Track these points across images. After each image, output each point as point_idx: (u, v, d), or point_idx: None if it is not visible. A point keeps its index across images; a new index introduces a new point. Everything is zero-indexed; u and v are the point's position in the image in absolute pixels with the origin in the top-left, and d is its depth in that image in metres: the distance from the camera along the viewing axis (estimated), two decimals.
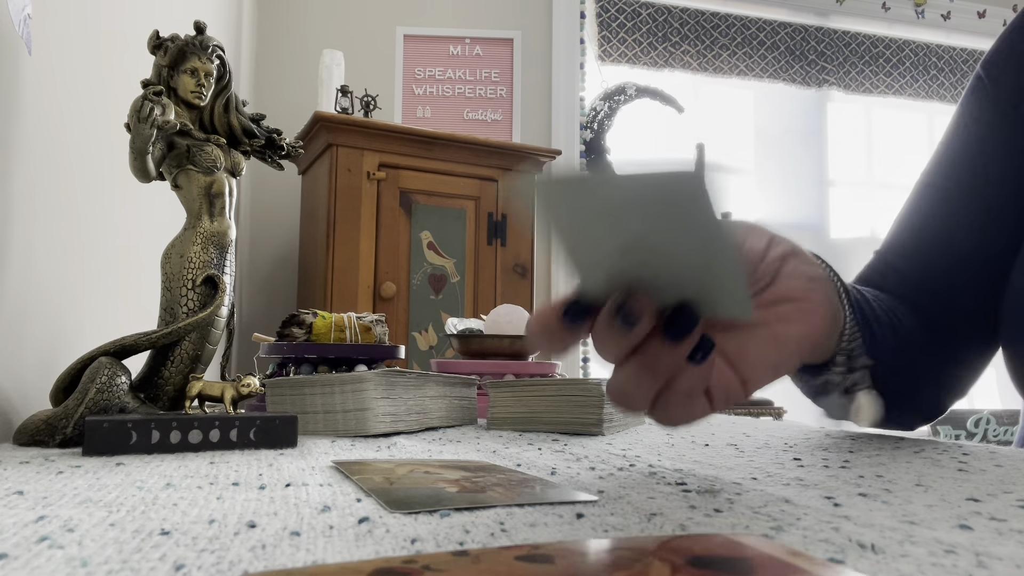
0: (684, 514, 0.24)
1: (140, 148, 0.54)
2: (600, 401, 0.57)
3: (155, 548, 0.19)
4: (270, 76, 2.31)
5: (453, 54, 2.50)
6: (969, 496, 0.28)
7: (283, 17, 2.35)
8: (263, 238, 2.25)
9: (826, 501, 0.27)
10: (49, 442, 0.46)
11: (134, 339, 0.52)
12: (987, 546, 0.20)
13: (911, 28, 2.99)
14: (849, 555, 0.19)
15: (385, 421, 0.54)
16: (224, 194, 0.59)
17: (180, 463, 0.38)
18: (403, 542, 0.20)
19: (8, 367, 0.56)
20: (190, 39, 0.59)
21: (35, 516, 0.24)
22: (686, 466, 0.37)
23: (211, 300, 0.56)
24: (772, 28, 2.86)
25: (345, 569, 0.15)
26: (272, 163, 0.66)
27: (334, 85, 2.07)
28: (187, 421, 0.43)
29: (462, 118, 2.49)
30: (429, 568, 0.15)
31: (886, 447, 0.45)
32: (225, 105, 0.62)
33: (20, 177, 0.58)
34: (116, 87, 0.81)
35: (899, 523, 0.23)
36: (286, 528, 0.22)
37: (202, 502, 0.26)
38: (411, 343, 1.84)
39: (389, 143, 1.89)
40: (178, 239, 0.57)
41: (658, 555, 0.16)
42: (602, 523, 0.23)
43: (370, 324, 0.83)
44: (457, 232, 1.92)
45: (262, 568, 0.17)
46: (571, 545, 0.17)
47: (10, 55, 0.56)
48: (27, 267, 0.60)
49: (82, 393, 0.48)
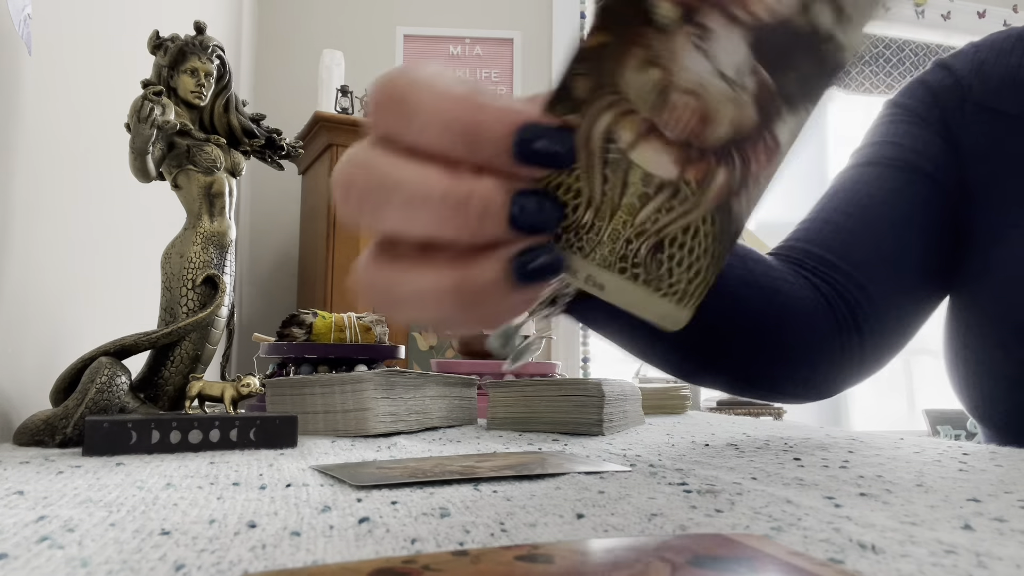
0: (684, 514, 0.24)
1: (140, 148, 0.54)
2: (600, 401, 0.57)
3: (155, 548, 0.19)
4: (270, 76, 2.31)
5: (453, 54, 2.50)
6: (970, 496, 0.28)
7: (283, 17, 2.35)
8: (263, 238, 2.25)
9: (826, 501, 0.27)
10: (49, 442, 0.46)
11: (134, 339, 0.52)
12: (988, 546, 0.20)
13: (911, 28, 3.00)
14: (849, 555, 0.19)
15: (385, 421, 0.54)
16: (224, 194, 0.59)
17: (180, 463, 0.38)
18: (403, 542, 0.20)
19: (8, 367, 0.56)
20: (190, 39, 0.59)
21: (35, 516, 0.24)
22: (686, 466, 0.37)
23: (211, 300, 0.56)
24: None
25: (345, 569, 0.15)
26: (272, 163, 0.66)
27: (334, 85, 2.07)
28: (187, 421, 0.43)
29: None
30: (429, 568, 0.15)
31: (886, 447, 0.45)
32: (225, 105, 0.62)
33: (20, 177, 0.58)
34: (116, 87, 0.81)
35: (900, 523, 0.23)
36: (286, 528, 0.22)
37: (202, 502, 0.26)
38: (411, 343, 1.84)
39: None
40: (178, 239, 0.57)
41: (658, 555, 0.16)
42: (602, 523, 0.23)
43: (370, 324, 0.83)
44: None
45: (262, 568, 0.17)
46: (571, 545, 0.17)
47: (10, 55, 0.56)
48: (27, 267, 0.60)
49: (82, 393, 0.48)
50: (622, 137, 0.22)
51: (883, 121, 0.61)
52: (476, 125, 0.21)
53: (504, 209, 0.21)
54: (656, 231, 0.23)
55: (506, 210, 0.21)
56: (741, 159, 0.22)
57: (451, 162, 0.22)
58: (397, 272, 0.23)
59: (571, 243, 0.23)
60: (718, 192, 0.22)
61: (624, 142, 0.22)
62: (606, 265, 0.23)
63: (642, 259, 0.23)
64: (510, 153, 0.21)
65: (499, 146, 0.21)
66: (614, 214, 0.23)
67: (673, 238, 0.23)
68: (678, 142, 0.22)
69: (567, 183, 0.22)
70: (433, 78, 0.22)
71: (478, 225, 0.21)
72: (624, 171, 0.22)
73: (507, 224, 0.21)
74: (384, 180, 0.22)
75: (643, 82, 0.21)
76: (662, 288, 0.23)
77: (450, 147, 0.22)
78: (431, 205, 0.21)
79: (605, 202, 0.23)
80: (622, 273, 0.23)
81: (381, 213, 0.22)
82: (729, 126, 0.22)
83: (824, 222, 0.56)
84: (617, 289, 0.23)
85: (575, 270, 0.23)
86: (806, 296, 0.51)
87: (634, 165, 0.22)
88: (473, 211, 0.21)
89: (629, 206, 0.23)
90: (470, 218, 0.21)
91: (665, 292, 0.24)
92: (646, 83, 0.21)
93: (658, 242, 0.23)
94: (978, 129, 0.57)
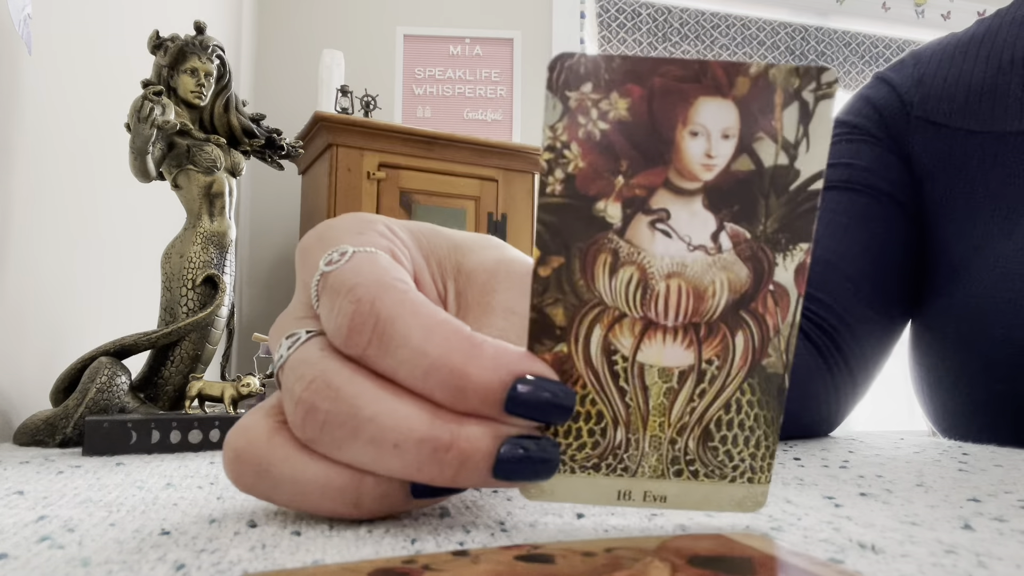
0: (684, 514, 0.24)
1: (140, 148, 0.54)
2: None
3: (155, 548, 0.19)
4: (270, 76, 2.31)
5: (453, 54, 2.50)
6: (970, 496, 0.28)
7: (283, 17, 2.35)
8: (263, 238, 2.25)
9: (826, 501, 0.27)
10: (49, 442, 0.46)
11: (134, 339, 0.52)
12: (988, 546, 0.20)
13: (911, 28, 3.00)
14: (849, 555, 0.19)
15: None
16: (224, 194, 0.59)
17: (180, 463, 0.38)
18: (403, 542, 0.20)
19: (8, 367, 0.56)
20: (190, 39, 0.59)
21: (35, 516, 0.24)
22: None
23: (211, 300, 0.56)
24: (772, 28, 2.86)
25: (345, 569, 0.15)
26: (272, 163, 0.66)
27: (334, 85, 2.07)
28: (187, 421, 0.43)
29: (462, 118, 2.49)
30: (429, 568, 0.15)
31: (886, 447, 0.45)
32: (225, 105, 0.62)
33: (20, 177, 0.58)
34: (116, 87, 0.81)
35: (900, 523, 0.23)
36: (286, 528, 0.22)
37: (202, 502, 0.26)
38: None
39: (389, 143, 1.89)
40: (178, 239, 0.57)
41: (658, 555, 0.16)
42: (602, 523, 0.23)
43: None
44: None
45: (262, 568, 0.17)
46: (571, 545, 0.17)
47: (10, 55, 0.56)
48: (27, 267, 0.60)
49: (82, 393, 0.48)
50: (622, 344, 0.21)
51: (833, 141, 0.59)
52: (463, 376, 0.19)
53: (489, 459, 0.19)
54: (698, 421, 0.22)
55: (491, 460, 0.19)
56: (753, 317, 0.21)
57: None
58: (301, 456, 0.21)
59: (613, 468, 0.22)
60: (743, 359, 0.21)
61: (627, 349, 0.21)
62: (659, 475, 0.22)
63: (695, 454, 0.22)
64: (501, 407, 0.19)
65: (488, 400, 0.19)
66: (647, 422, 0.21)
67: (718, 420, 0.22)
68: (682, 327, 0.21)
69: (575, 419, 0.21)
70: (418, 306, 0.20)
71: (457, 475, 0.19)
72: (639, 376, 0.21)
73: (492, 474, 0.20)
74: (354, 413, 0.19)
75: (620, 284, 0.21)
76: (727, 474, 0.22)
77: (432, 392, 0.20)
78: (405, 450, 0.19)
79: (632, 414, 0.21)
80: (679, 476, 0.22)
81: (347, 447, 0.20)
82: (725, 292, 0.21)
83: None
84: (682, 494, 0.22)
85: (629, 492, 0.22)
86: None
87: (647, 366, 0.21)
88: (453, 460, 0.19)
89: (659, 407, 0.21)
90: (447, 467, 0.19)
91: (733, 477, 0.22)
92: (623, 284, 0.21)
93: (704, 431, 0.22)
94: (925, 145, 0.55)
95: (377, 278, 0.21)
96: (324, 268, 0.22)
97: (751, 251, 0.21)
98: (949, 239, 0.54)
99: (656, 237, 0.20)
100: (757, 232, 0.21)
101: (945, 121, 0.55)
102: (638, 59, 0.20)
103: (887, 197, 0.55)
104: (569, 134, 0.20)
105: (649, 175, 0.20)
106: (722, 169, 0.20)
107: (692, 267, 0.21)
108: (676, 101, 0.20)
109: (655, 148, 0.20)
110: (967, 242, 0.53)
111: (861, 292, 0.53)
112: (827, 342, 0.52)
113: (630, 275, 0.21)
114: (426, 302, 0.21)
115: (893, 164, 0.56)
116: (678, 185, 0.20)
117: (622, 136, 0.20)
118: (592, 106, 0.20)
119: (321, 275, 0.22)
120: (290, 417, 0.21)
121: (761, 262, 0.21)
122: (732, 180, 0.20)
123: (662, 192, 0.20)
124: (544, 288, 0.20)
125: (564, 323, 0.21)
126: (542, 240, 0.20)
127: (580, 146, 0.20)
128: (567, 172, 0.20)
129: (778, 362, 0.21)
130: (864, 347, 0.54)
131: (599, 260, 0.20)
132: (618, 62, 0.20)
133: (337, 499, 0.21)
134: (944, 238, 0.54)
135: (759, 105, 0.20)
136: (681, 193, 0.20)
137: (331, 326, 0.21)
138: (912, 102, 0.57)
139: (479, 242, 0.29)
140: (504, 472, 0.20)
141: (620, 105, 0.20)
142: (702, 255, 0.21)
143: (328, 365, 0.21)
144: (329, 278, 0.22)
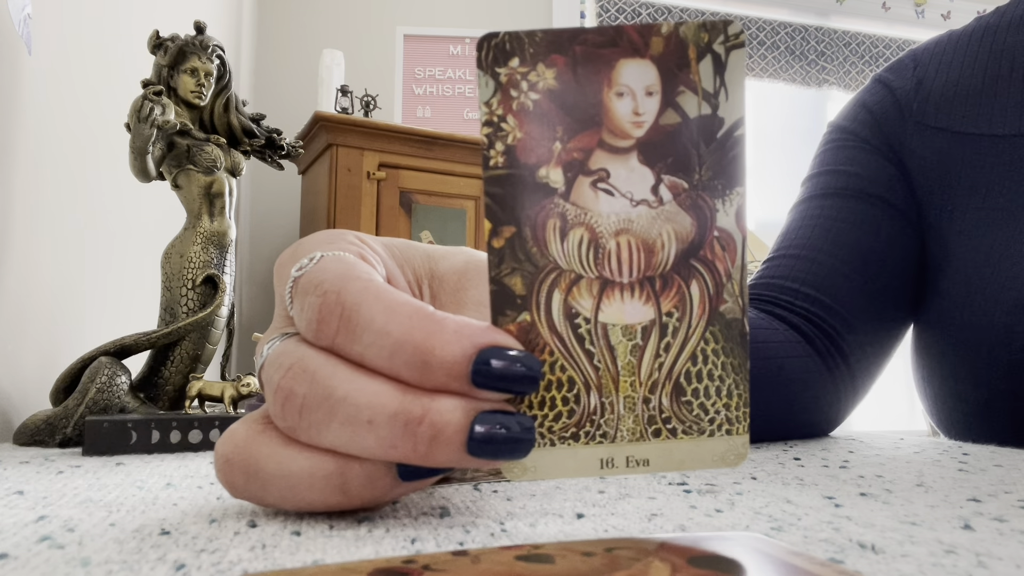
0: (684, 514, 0.24)
1: (140, 148, 0.54)
2: None
3: (155, 548, 0.19)
4: (270, 76, 2.31)
5: (453, 54, 2.50)
6: (970, 496, 0.28)
7: (283, 17, 2.35)
8: (263, 238, 2.25)
9: (826, 501, 0.27)
10: (49, 442, 0.46)
11: (134, 339, 0.52)
12: (988, 546, 0.20)
13: (911, 28, 3.00)
14: (849, 555, 0.19)
15: None
16: (224, 194, 0.59)
17: (180, 463, 0.38)
18: (403, 542, 0.20)
19: (8, 367, 0.56)
20: (190, 39, 0.59)
21: (35, 516, 0.24)
22: None
23: (211, 300, 0.56)
24: (772, 28, 2.86)
25: (345, 569, 0.15)
26: (272, 163, 0.66)
27: (334, 85, 2.07)
28: (187, 421, 0.43)
29: (462, 118, 2.49)
30: (429, 568, 0.15)
31: (886, 447, 0.45)
32: (225, 105, 0.62)
33: (20, 177, 0.58)
34: (116, 87, 0.81)
35: (900, 523, 0.23)
36: (286, 528, 0.22)
37: (202, 502, 0.26)
38: None
39: (389, 143, 1.89)
40: (178, 239, 0.57)
41: (658, 555, 0.16)
42: (602, 523, 0.23)
43: None
44: (457, 232, 1.92)
45: (262, 568, 0.17)
46: (571, 545, 0.17)
47: (10, 55, 0.56)
48: (27, 267, 0.60)
49: (82, 393, 0.48)
50: (582, 307, 0.21)
51: (830, 147, 0.60)
52: (427, 352, 0.19)
53: (462, 433, 0.19)
54: (667, 376, 0.22)
55: (464, 434, 0.20)
56: (704, 265, 0.22)
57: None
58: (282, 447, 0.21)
59: (592, 435, 0.22)
60: (701, 307, 0.22)
61: (587, 310, 0.21)
62: (638, 437, 0.22)
63: (670, 411, 0.22)
64: (468, 381, 0.20)
65: (454, 374, 0.19)
66: (618, 382, 0.21)
67: (687, 373, 0.22)
68: (637, 282, 0.21)
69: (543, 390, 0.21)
70: (381, 291, 0.21)
71: (430, 450, 0.20)
72: (603, 337, 0.21)
73: (467, 450, 0.20)
74: (329, 394, 0.20)
75: (572, 246, 0.21)
76: (705, 428, 0.22)
77: (399, 371, 0.20)
78: (378, 426, 0.20)
79: (603, 376, 0.21)
80: (658, 436, 0.22)
81: (326, 430, 0.20)
82: (673, 242, 0.21)
83: (795, 258, 0.55)
84: (664, 454, 0.22)
85: (611, 460, 0.22)
86: (791, 340, 0.51)
87: (609, 326, 0.21)
88: (425, 434, 0.19)
89: (628, 366, 0.21)
90: (420, 442, 0.19)
91: (711, 432, 0.22)
92: (575, 245, 0.21)
93: (676, 385, 0.22)
94: (922, 150, 0.56)
95: (342, 272, 0.22)
96: (295, 274, 0.23)
97: (691, 200, 0.21)
98: (949, 241, 0.54)
99: (600, 196, 0.21)
100: (694, 181, 0.21)
101: (945, 124, 0.55)
102: (558, 31, 0.20)
103: (884, 202, 0.55)
104: (504, 108, 0.21)
105: (584, 138, 0.21)
106: (651, 125, 0.21)
107: (638, 222, 0.21)
108: (599, 66, 0.21)
109: (586, 112, 0.21)
110: (967, 243, 0.53)
111: (862, 295, 0.53)
112: (828, 344, 0.52)
113: (580, 236, 0.21)
114: (389, 288, 0.21)
115: (889, 169, 0.56)
116: (612, 144, 0.21)
117: (553, 104, 0.21)
118: (522, 79, 0.20)
119: (293, 280, 0.23)
120: (271, 409, 0.21)
121: (703, 210, 0.22)
122: (662, 134, 0.21)
123: (599, 152, 0.21)
124: (500, 259, 0.21)
125: (523, 291, 0.21)
126: (491, 212, 0.21)
127: (516, 118, 0.21)
128: (507, 144, 0.21)
129: (735, 307, 0.22)
130: (865, 349, 0.54)
131: (549, 225, 0.21)
132: (540, 35, 0.20)
133: (325, 488, 0.21)
134: (944, 240, 0.54)
135: (675, 61, 0.21)
136: (617, 151, 0.21)
137: (303, 323, 0.22)
138: (911, 106, 0.57)
139: (450, 250, 0.30)
140: (479, 447, 0.20)
141: (547, 75, 0.21)
142: (646, 209, 0.21)
143: (304, 352, 0.21)
144: (300, 281, 0.23)
